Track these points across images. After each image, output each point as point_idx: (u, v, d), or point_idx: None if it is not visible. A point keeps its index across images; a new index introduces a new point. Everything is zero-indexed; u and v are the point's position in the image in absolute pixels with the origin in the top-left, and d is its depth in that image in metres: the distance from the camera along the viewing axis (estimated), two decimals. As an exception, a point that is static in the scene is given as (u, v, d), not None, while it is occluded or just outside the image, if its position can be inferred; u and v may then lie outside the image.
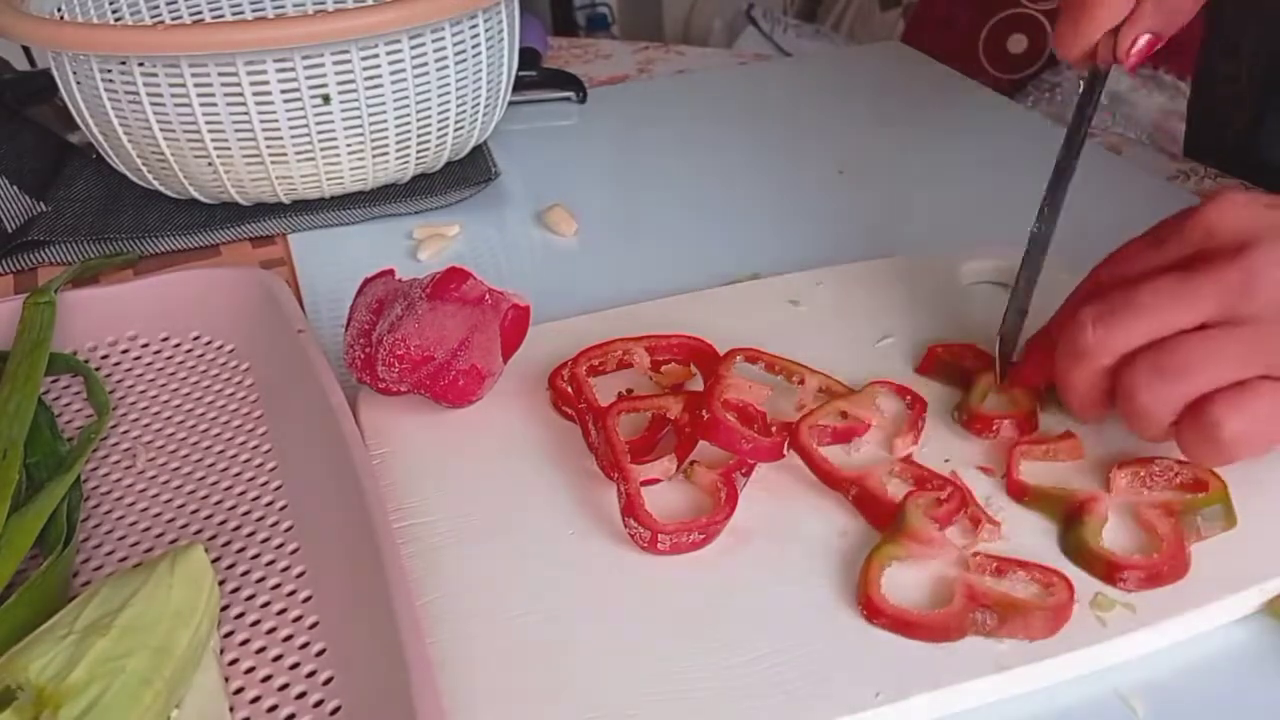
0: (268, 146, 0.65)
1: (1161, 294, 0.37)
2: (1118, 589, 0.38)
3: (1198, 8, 0.45)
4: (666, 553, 0.40)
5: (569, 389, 0.48)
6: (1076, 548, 0.40)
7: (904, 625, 0.37)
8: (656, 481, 0.43)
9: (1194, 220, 0.39)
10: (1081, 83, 0.47)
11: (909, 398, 0.47)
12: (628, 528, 0.41)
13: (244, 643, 0.39)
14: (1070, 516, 0.41)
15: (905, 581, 0.39)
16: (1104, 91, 0.46)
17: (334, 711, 0.36)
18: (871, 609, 0.37)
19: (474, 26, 0.68)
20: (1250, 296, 0.36)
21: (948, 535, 0.40)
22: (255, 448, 0.48)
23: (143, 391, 0.52)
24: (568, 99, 0.86)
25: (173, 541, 0.44)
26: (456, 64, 0.67)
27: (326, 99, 0.64)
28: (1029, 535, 0.41)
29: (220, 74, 0.62)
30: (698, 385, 0.49)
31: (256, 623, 0.40)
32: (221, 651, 0.39)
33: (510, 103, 0.76)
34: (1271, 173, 0.70)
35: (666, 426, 0.46)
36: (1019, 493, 0.42)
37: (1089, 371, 0.39)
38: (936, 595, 0.38)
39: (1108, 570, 0.38)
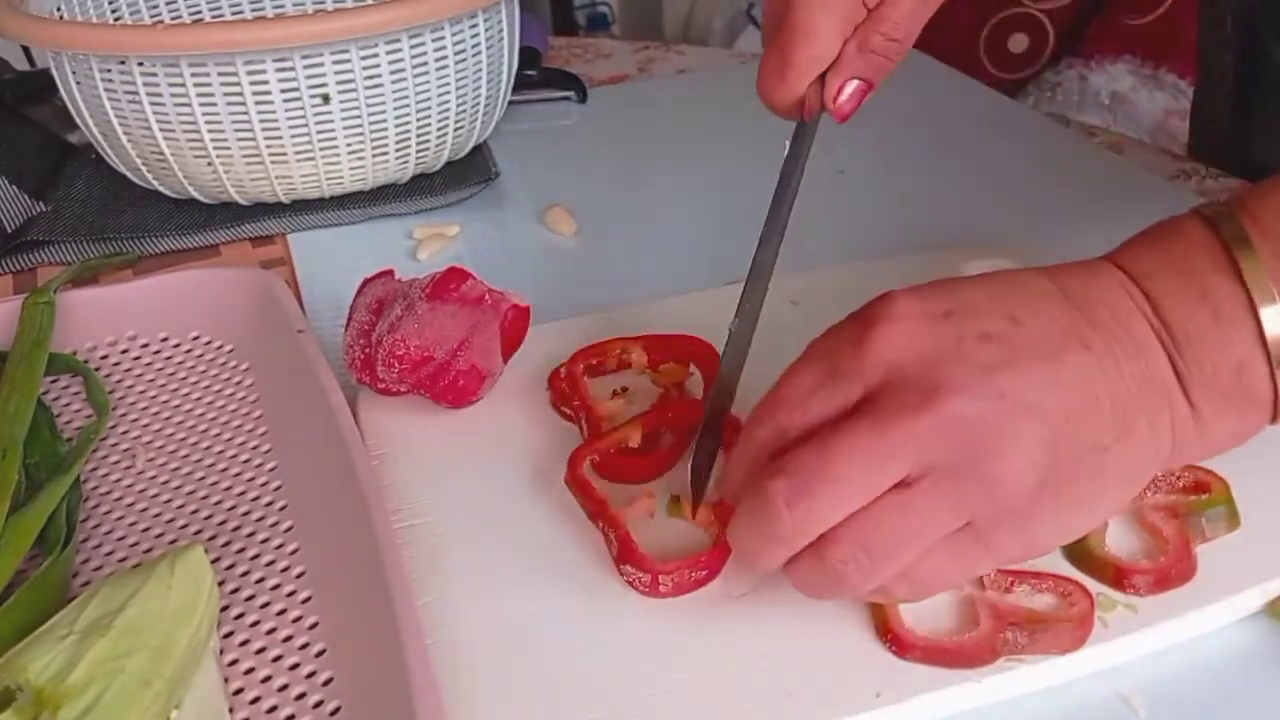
0: (267, 146, 0.65)
1: (857, 461, 0.32)
2: (1126, 593, 0.38)
3: (904, 53, 0.41)
4: (669, 595, 0.39)
5: (567, 388, 0.48)
6: (1082, 555, 0.39)
7: (938, 655, 0.36)
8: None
9: (868, 353, 0.34)
10: (788, 143, 0.42)
11: None
12: (625, 575, 0.39)
13: (243, 643, 0.39)
14: None
15: (919, 608, 0.37)
16: (1108, 92, 0.45)
17: (334, 712, 0.36)
18: (901, 644, 0.36)
19: (474, 26, 0.68)
20: (946, 447, 0.32)
21: None
22: (255, 448, 0.48)
23: (142, 392, 0.52)
24: (568, 99, 0.86)
25: (172, 542, 0.44)
26: (456, 64, 0.67)
27: (326, 99, 0.64)
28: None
29: (220, 74, 0.62)
30: (697, 383, 0.49)
31: (256, 623, 0.40)
32: (221, 652, 0.39)
33: (510, 102, 0.76)
34: (1265, 172, 0.71)
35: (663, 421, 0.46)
36: None
37: (784, 554, 0.34)
38: (960, 618, 0.38)
39: (1116, 576, 0.38)
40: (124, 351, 0.55)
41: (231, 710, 0.37)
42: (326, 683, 0.37)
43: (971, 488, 0.32)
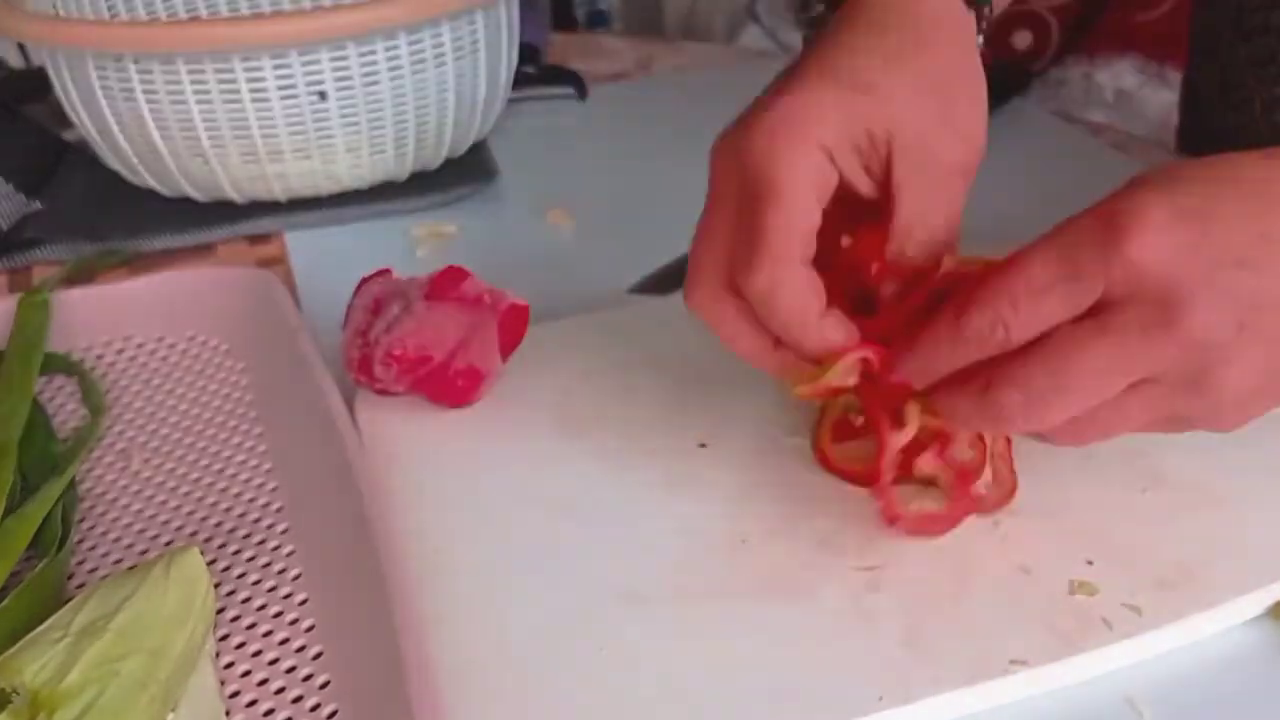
0: (264, 144, 0.64)
1: (1090, 376, 0.33)
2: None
3: None
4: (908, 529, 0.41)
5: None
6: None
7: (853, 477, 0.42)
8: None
9: (1116, 260, 0.33)
10: None
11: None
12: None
13: (240, 646, 0.39)
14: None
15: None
16: (1113, 89, 0.44)
17: (331, 715, 0.36)
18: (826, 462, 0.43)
19: (473, 23, 0.67)
20: (1180, 367, 0.33)
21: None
22: (251, 449, 0.48)
23: (138, 392, 0.52)
24: (568, 96, 0.85)
25: (168, 544, 0.44)
26: (455, 61, 0.67)
27: (323, 96, 0.64)
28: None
29: (216, 71, 0.61)
30: None
31: (252, 626, 0.39)
32: (217, 655, 0.38)
33: (510, 99, 0.76)
34: None
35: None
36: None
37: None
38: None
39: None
40: (120, 352, 0.54)
41: (228, 713, 0.36)
42: (323, 685, 0.37)
43: (1188, 394, 0.34)
